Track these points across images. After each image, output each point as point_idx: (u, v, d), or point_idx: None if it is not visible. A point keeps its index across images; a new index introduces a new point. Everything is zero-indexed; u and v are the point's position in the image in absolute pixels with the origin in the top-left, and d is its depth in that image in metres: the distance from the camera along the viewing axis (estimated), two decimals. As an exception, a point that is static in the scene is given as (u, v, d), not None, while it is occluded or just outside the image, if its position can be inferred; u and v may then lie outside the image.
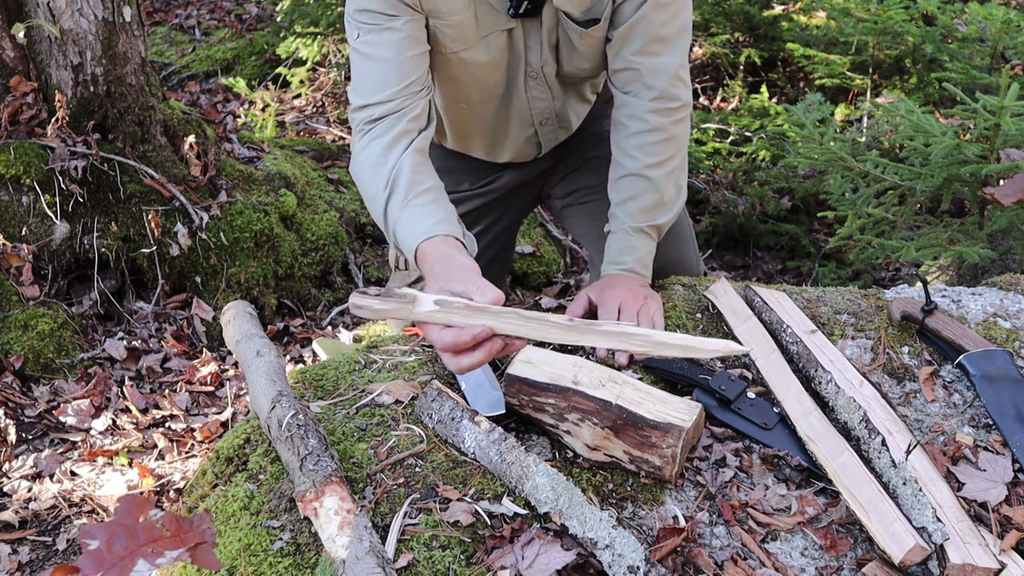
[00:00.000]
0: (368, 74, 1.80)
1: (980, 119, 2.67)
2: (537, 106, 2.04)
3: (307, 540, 1.37)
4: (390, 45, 1.76)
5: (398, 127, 1.76)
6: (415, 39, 1.79)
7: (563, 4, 1.83)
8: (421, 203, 1.69)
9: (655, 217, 1.92)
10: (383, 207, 1.73)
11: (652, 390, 1.51)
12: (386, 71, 1.77)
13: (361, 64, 1.81)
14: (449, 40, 1.84)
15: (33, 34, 3.26)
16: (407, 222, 1.68)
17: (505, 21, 1.86)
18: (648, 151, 1.90)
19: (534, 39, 1.90)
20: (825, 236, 4.27)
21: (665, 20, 1.84)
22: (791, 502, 1.46)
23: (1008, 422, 1.57)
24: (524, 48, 1.92)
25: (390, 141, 1.75)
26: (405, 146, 1.75)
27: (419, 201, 1.69)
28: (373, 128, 1.78)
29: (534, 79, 1.98)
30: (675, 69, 1.88)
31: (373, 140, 1.77)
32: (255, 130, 4.96)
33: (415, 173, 1.73)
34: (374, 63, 1.78)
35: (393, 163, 1.74)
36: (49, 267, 3.28)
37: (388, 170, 1.73)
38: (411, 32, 1.78)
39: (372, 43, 1.78)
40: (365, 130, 1.79)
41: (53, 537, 2.43)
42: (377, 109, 1.77)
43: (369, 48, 1.79)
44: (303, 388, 1.74)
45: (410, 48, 1.78)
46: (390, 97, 1.77)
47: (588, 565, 1.30)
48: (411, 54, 1.78)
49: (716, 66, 5.09)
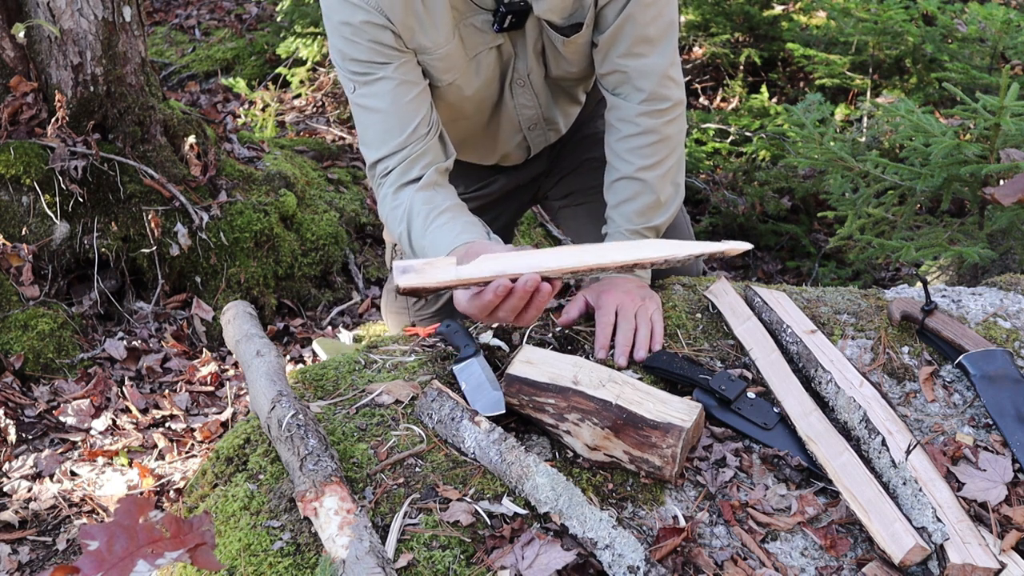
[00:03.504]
0: (371, 127, 1.82)
1: (980, 119, 2.67)
2: (524, 113, 2.04)
3: (307, 540, 1.37)
4: (385, 95, 1.77)
5: (410, 174, 1.79)
6: (409, 82, 1.79)
7: (545, 13, 1.82)
8: (439, 224, 1.72)
9: (651, 219, 1.92)
10: (408, 244, 1.78)
11: (652, 390, 1.51)
12: (387, 122, 1.79)
13: (363, 118, 1.83)
14: (441, 72, 1.84)
15: (33, 34, 3.26)
16: (431, 247, 1.71)
17: (492, 38, 1.85)
18: (641, 154, 1.89)
19: (520, 48, 1.90)
20: (825, 236, 4.27)
21: (650, 20, 1.82)
22: (791, 502, 1.46)
23: (1008, 422, 1.57)
24: (513, 57, 1.92)
25: (401, 186, 1.80)
26: (415, 184, 1.79)
27: (438, 223, 1.72)
28: (386, 179, 1.82)
29: (521, 86, 1.98)
30: (664, 69, 1.86)
31: (389, 189, 1.81)
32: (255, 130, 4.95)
33: (427, 202, 1.76)
34: (375, 115, 1.80)
35: (405, 201, 1.78)
36: (49, 267, 3.28)
37: (403, 210, 1.77)
38: (404, 76, 1.78)
39: (368, 95, 1.79)
40: (382, 183, 1.83)
41: (53, 537, 2.43)
42: (389, 162, 1.80)
43: (367, 100, 1.80)
44: (303, 388, 1.74)
45: (406, 93, 1.78)
46: (398, 147, 1.79)
47: (588, 565, 1.30)
48: (409, 98, 1.78)
49: (716, 66, 5.08)
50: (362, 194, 4.31)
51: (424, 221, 1.73)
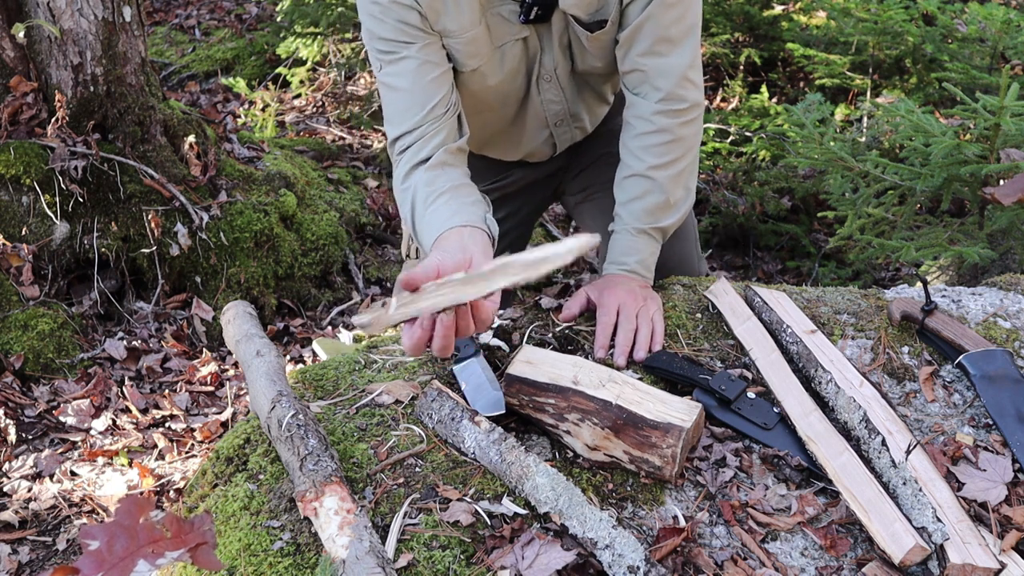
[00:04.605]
0: (393, 104, 1.85)
1: (980, 119, 2.67)
2: (551, 108, 2.04)
3: (307, 540, 1.37)
4: (407, 74, 1.81)
5: (422, 153, 1.81)
6: (432, 63, 1.82)
7: (570, 7, 1.83)
8: (435, 207, 1.72)
9: (659, 219, 1.92)
10: (412, 227, 1.79)
11: (652, 390, 1.51)
12: (407, 100, 1.82)
13: (386, 95, 1.86)
14: (466, 57, 1.85)
15: (33, 34, 3.26)
16: (425, 232, 1.72)
17: (518, 30, 1.87)
18: (653, 152, 1.90)
19: (547, 42, 1.91)
20: (825, 236, 4.27)
21: (672, 20, 1.83)
22: (791, 502, 1.46)
23: (1008, 422, 1.57)
24: (539, 51, 1.92)
25: (413, 166, 1.81)
26: (424, 165, 1.80)
27: (434, 206, 1.73)
28: (402, 156, 1.83)
29: (547, 81, 1.98)
30: (683, 70, 1.87)
31: (401, 167, 1.83)
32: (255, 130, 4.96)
33: (429, 184, 1.77)
34: (396, 93, 1.83)
35: (412, 184, 1.79)
36: (49, 267, 3.28)
37: (410, 193, 1.79)
38: (427, 56, 1.81)
39: (392, 74, 1.83)
40: (397, 161, 1.85)
41: (53, 537, 2.43)
42: (406, 139, 1.82)
43: (390, 79, 1.83)
44: (303, 388, 1.74)
45: (428, 72, 1.81)
46: (415, 125, 1.81)
47: (588, 565, 1.30)
48: (430, 78, 1.81)
49: (716, 66, 5.09)
50: (362, 194, 4.31)
51: (424, 203, 1.75)
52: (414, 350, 1.43)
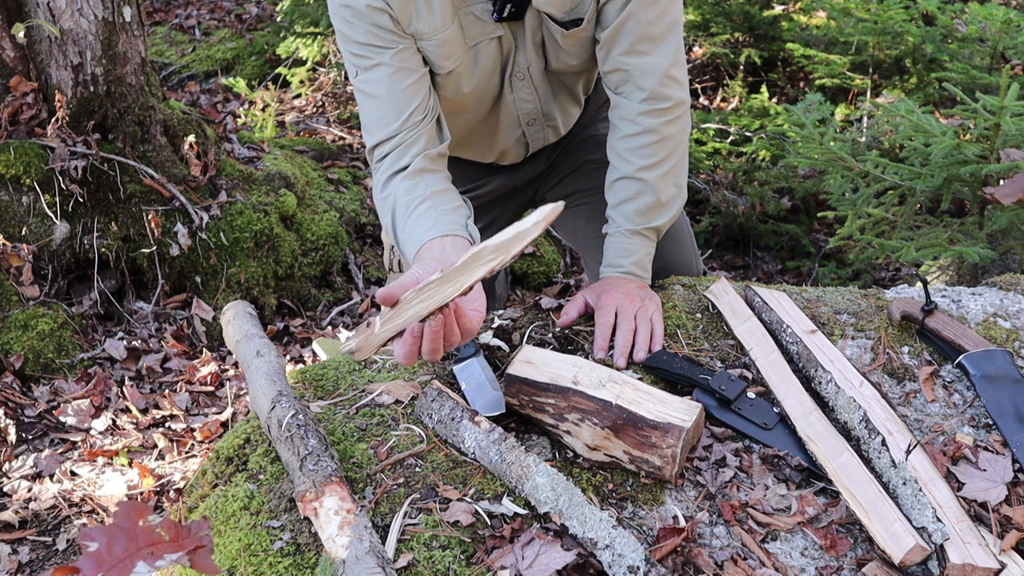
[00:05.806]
0: (370, 112, 1.84)
1: (980, 119, 2.67)
2: (523, 107, 2.04)
3: (307, 540, 1.37)
4: (383, 81, 1.80)
5: (401, 161, 1.80)
6: (407, 69, 1.81)
7: (544, 5, 1.82)
8: (416, 216, 1.72)
9: (652, 219, 1.92)
10: (394, 236, 1.78)
11: (652, 390, 1.51)
12: (384, 107, 1.81)
13: (363, 103, 1.85)
14: (440, 59, 1.84)
15: (33, 34, 3.26)
16: (407, 243, 1.72)
17: (492, 28, 1.86)
18: (641, 153, 1.89)
19: (520, 40, 1.90)
20: (825, 236, 4.27)
21: (653, 18, 1.82)
22: (791, 502, 1.46)
23: (1008, 422, 1.57)
24: (513, 50, 1.92)
25: (392, 174, 1.80)
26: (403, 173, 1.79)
27: (415, 215, 1.72)
28: (381, 164, 1.82)
29: (520, 79, 1.98)
30: (666, 68, 1.86)
31: (380, 175, 1.82)
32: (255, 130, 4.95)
33: (408, 192, 1.76)
34: (373, 101, 1.82)
35: (392, 192, 1.79)
36: (49, 267, 3.28)
37: (390, 202, 1.78)
38: (402, 63, 1.80)
39: (368, 80, 1.82)
40: (376, 168, 1.84)
41: (53, 537, 2.43)
42: (384, 147, 1.81)
43: (366, 86, 1.82)
44: (303, 388, 1.74)
45: (403, 79, 1.80)
46: (392, 133, 1.80)
47: (588, 565, 1.30)
48: (405, 84, 1.80)
49: (716, 66, 5.09)
50: (362, 194, 4.31)
51: (404, 213, 1.74)
52: (408, 360, 1.44)
